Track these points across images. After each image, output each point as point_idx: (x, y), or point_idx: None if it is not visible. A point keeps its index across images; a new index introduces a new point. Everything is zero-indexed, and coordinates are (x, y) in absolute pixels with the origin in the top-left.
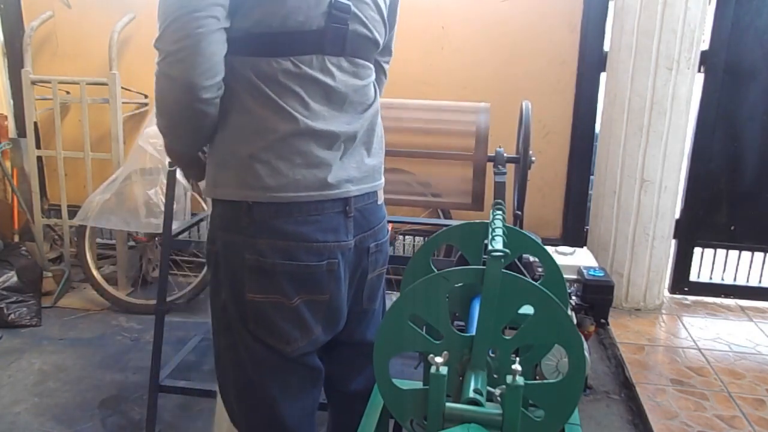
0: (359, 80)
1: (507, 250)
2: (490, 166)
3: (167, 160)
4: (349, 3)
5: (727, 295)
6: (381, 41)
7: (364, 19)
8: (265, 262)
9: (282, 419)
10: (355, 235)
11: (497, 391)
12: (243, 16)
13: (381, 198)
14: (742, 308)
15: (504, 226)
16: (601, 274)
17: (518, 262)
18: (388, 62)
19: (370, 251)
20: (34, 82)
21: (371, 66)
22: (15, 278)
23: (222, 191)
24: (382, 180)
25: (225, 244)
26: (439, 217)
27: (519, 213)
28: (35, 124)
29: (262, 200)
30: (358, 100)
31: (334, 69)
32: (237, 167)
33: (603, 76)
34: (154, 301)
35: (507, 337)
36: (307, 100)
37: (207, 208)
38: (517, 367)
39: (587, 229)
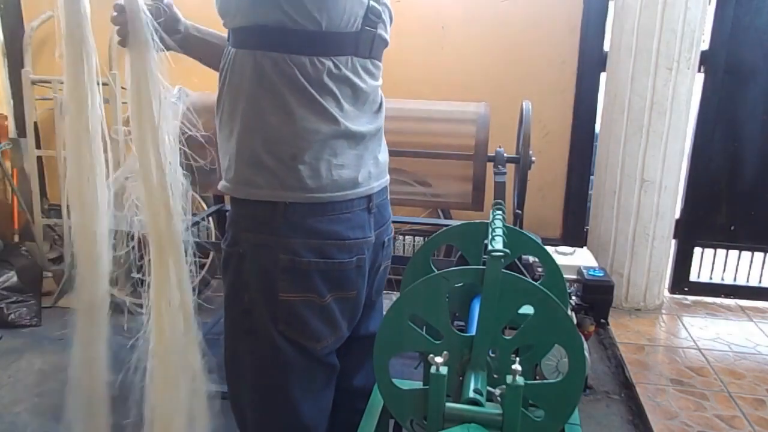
0: (376, 81)
1: (507, 250)
2: (490, 166)
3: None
4: (380, 8)
5: (727, 295)
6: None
7: (386, 22)
8: (301, 261)
9: (302, 421)
10: (374, 230)
11: (497, 391)
12: (299, 7)
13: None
14: (742, 308)
15: (504, 226)
16: (601, 274)
17: (518, 262)
18: None
19: (384, 245)
20: (34, 82)
21: (381, 66)
22: (15, 278)
23: (257, 192)
24: (388, 175)
25: (254, 246)
26: (439, 217)
27: (519, 213)
28: (35, 124)
29: (300, 201)
30: (374, 100)
31: (361, 71)
32: (276, 168)
33: (603, 76)
34: None
35: (507, 337)
36: (342, 101)
37: (206, 207)
38: (517, 367)
39: (587, 229)
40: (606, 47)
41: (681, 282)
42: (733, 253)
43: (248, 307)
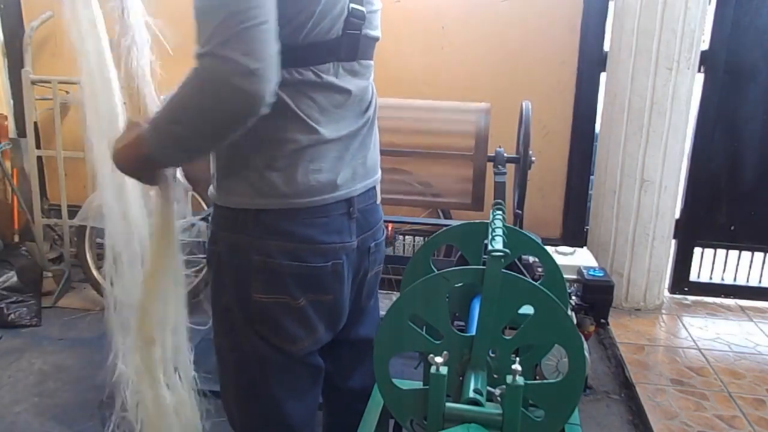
0: (365, 80)
1: (507, 250)
2: (490, 166)
3: None
4: (364, 9)
5: (727, 295)
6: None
7: (373, 21)
8: (273, 262)
9: (286, 419)
10: (357, 235)
11: (497, 391)
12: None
13: (379, 197)
14: (742, 308)
15: (504, 226)
16: (601, 274)
17: (518, 262)
18: None
19: (371, 251)
20: (34, 82)
21: (372, 63)
22: (15, 278)
23: (235, 200)
24: (380, 171)
25: (230, 245)
26: (439, 217)
27: (519, 212)
28: (35, 124)
29: (276, 207)
30: (362, 99)
31: (346, 73)
32: (251, 177)
33: (603, 76)
34: None
35: (507, 337)
36: (323, 106)
37: (206, 207)
38: (517, 367)
39: (587, 229)
40: (606, 47)
41: (681, 282)
42: (733, 253)
43: (227, 306)
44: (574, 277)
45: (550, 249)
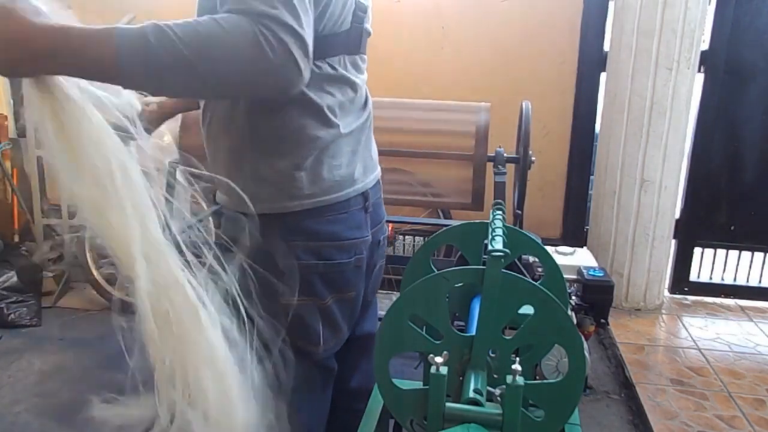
0: (365, 74)
1: (507, 250)
2: (490, 166)
3: (168, 159)
4: (365, 2)
5: (727, 295)
6: None
7: (369, 16)
8: (300, 264)
9: (300, 424)
10: (371, 229)
11: (497, 391)
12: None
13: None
14: (742, 308)
15: (504, 226)
16: (601, 274)
17: (518, 262)
18: None
19: (380, 244)
20: None
21: (367, 59)
22: (15, 278)
23: (260, 205)
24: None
25: (252, 252)
26: (439, 217)
27: (519, 212)
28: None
29: (303, 208)
30: (362, 94)
31: (352, 67)
32: (278, 180)
33: (603, 76)
34: None
35: (507, 337)
36: (340, 100)
37: (206, 207)
38: (517, 367)
39: (587, 229)
40: (606, 47)
41: (681, 282)
42: (733, 253)
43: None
44: (574, 277)
45: (550, 249)
